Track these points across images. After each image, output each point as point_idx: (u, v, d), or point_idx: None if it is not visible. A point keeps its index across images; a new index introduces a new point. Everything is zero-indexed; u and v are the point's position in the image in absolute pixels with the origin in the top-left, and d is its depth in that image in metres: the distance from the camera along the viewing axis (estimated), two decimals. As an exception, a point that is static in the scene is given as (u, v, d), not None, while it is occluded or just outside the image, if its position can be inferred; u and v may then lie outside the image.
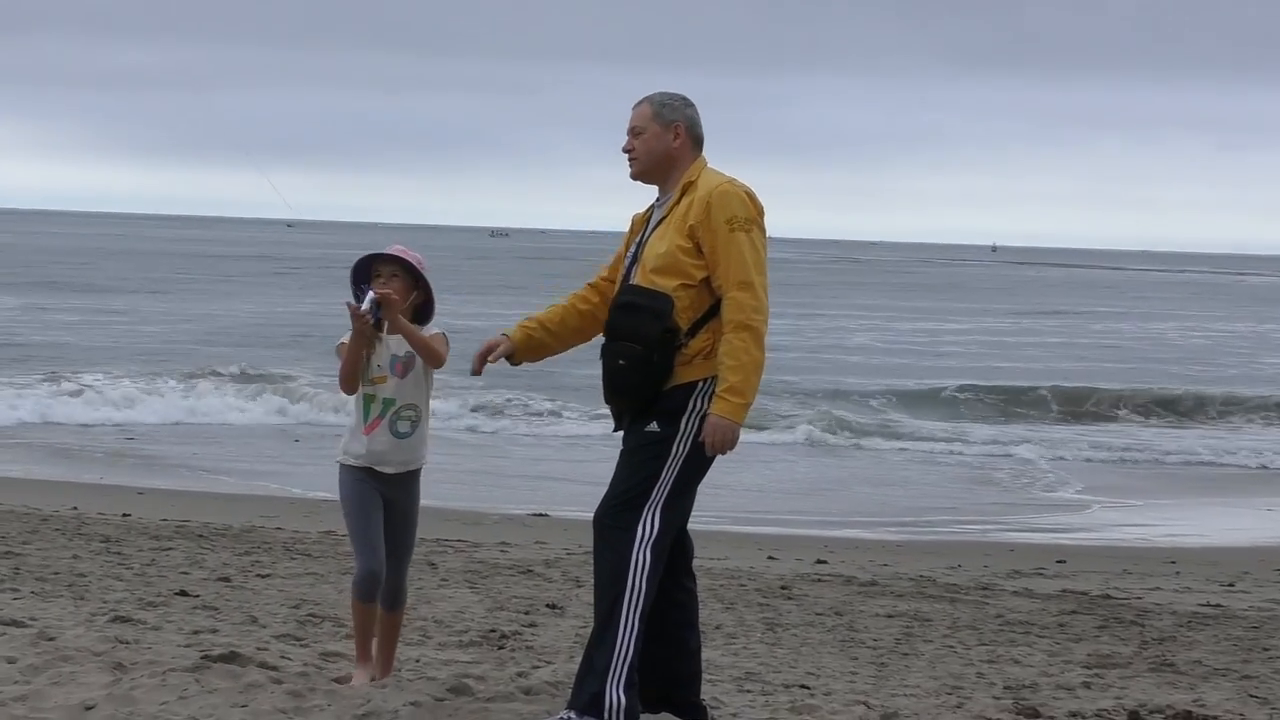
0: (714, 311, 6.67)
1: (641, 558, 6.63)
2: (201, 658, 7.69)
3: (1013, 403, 35.13)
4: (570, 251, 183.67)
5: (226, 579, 11.52)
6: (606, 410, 6.98)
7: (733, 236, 6.65)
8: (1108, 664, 9.81)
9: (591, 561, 6.85)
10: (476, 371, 6.94)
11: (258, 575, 11.89)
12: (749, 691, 8.31)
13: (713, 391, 6.61)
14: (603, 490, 6.91)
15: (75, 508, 15.91)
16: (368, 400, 7.33)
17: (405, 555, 7.55)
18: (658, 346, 6.59)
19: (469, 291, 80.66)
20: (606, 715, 6.55)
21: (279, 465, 23.10)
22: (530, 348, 7.04)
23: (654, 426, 6.65)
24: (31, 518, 14.68)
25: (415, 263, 7.29)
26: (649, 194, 7.07)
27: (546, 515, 18.21)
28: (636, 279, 6.78)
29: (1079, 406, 34.89)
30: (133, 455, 22.47)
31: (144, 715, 6.49)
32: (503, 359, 7.00)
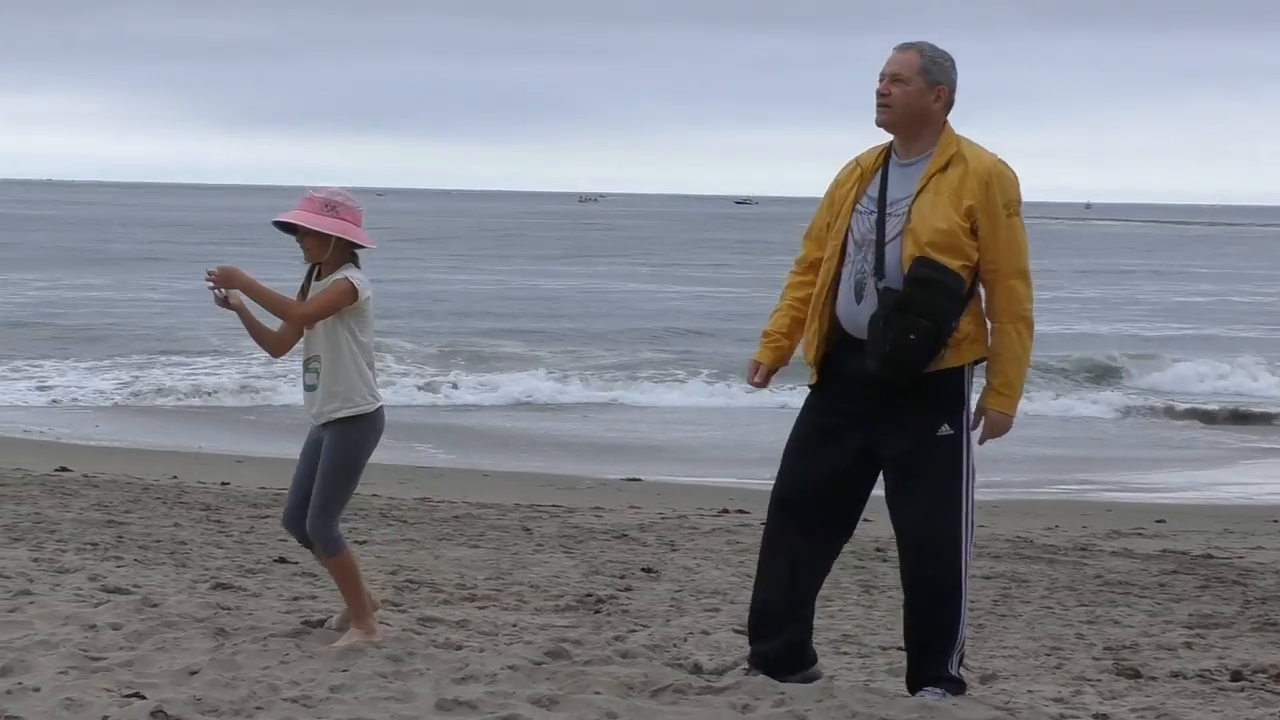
0: (971, 294, 6.59)
1: (969, 559, 6.82)
2: (302, 623, 7.78)
3: (1107, 362, 34.73)
4: (661, 215, 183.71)
5: (324, 545, 11.60)
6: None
7: (1010, 222, 6.52)
8: (1209, 624, 9.70)
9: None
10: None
11: (354, 541, 11.93)
12: (846, 654, 8.30)
13: (970, 378, 6.61)
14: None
15: (175, 477, 16.11)
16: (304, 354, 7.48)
17: (315, 501, 7.41)
18: (946, 325, 6.49)
19: (562, 258, 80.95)
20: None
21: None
22: (782, 359, 7.03)
23: (946, 430, 6.62)
24: (133, 486, 14.88)
25: (313, 222, 7.23)
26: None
27: (639, 480, 18.23)
28: (908, 249, 6.54)
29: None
30: (237, 421, 22.77)
31: (246, 680, 6.56)
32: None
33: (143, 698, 6.23)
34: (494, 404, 27.74)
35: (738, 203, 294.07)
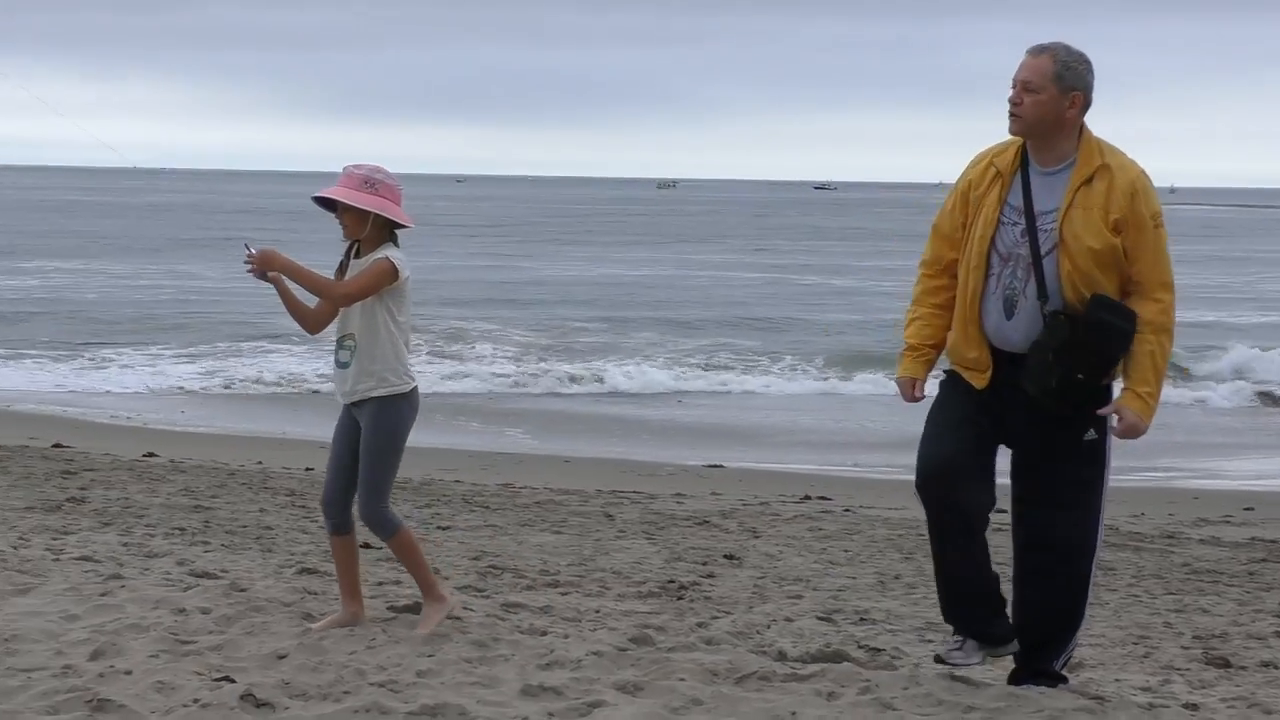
0: None
1: (1097, 555, 6.81)
2: (387, 609, 7.82)
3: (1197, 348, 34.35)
4: (739, 200, 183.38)
5: (408, 531, 11.67)
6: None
7: (1157, 234, 6.44)
8: (1301, 613, 9.58)
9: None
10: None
11: (438, 527, 12.05)
12: (930, 641, 8.24)
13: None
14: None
15: (260, 462, 16.25)
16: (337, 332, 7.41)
17: (364, 485, 7.33)
18: (1114, 363, 6.48)
19: (642, 244, 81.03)
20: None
21: (457, 420, 23.41)
22: (931, 368, 6.88)
23: (1091, 434, 6.58)
24: (219, 472, 15.03)
25: (351, 198, 7.17)
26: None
27: (721, 466, 18.21)
28: (1064, 267, 6.41)
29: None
30: (321, 407, 22.91)
31: (333, 665, 6.61)
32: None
33: (232, 681, 6.29)
34: (584, 392, 27.70)
35: (816, 188, 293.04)
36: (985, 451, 6.69)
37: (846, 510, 14.25)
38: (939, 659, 6.83)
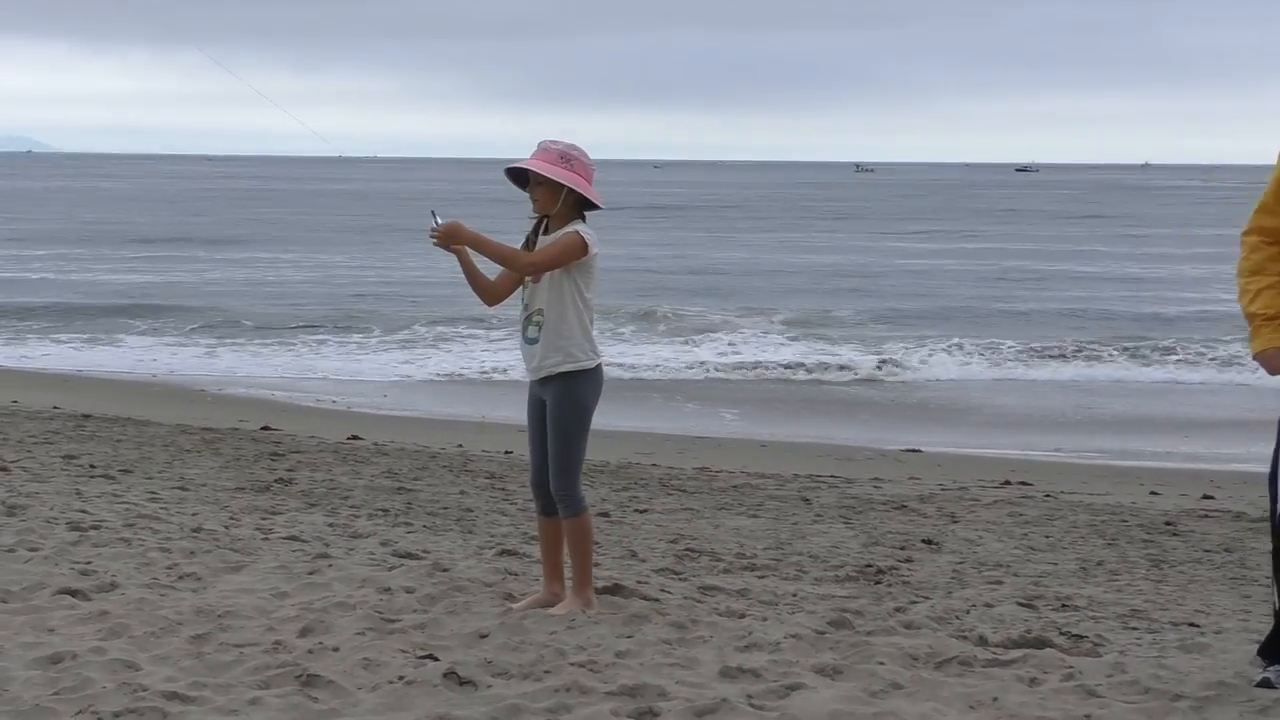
0: None
1: None
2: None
3: None
4: (935, 184, 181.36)
5: (606, 514, 11.78)
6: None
7: None
8: None
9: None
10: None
11: (635, 510, 12.13)
12: (1135, 629, 8.10)
13: None
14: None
15: (461, 446, 16.50)
16: (521, 307, 7.36)
17: (553, 460, 7.31)
18: None
19: (829, 229, 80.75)
20: None
21: (656, 402, 23.53)
22: None
23: None
24: (421, 455, 15.29)
25: (548, 170, 7.13)
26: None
27: (919, 451, 18.06)
28: None
29: None
30: (520, 391, 23.22)
31: (534, 644, 6.69)
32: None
33: (435, 659, 6.39)
34: (813, 379, 27.47)
35: (1018, 170, 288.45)
36: None
37: (1047, 495, 14.04)
38: (1268, 683, 6.34)
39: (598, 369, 7.34)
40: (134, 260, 52.70)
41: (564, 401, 7.25)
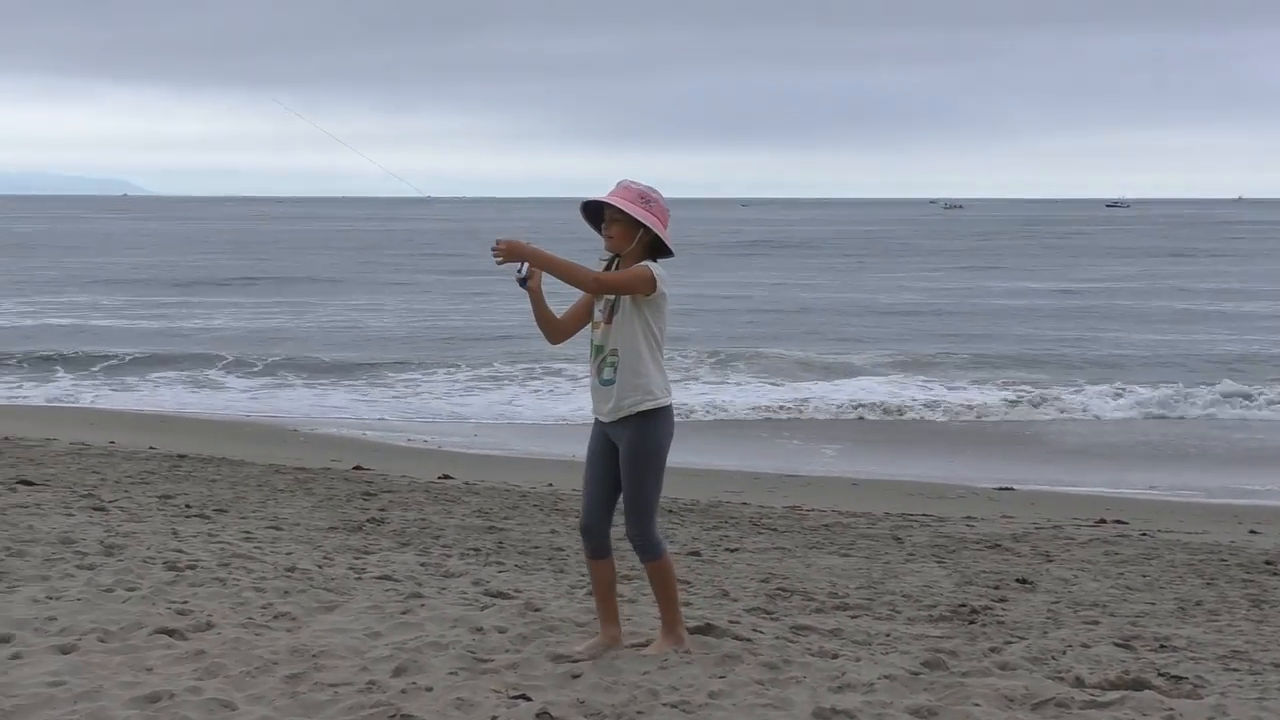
0: None
1: None
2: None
3: None
4: (1027, 219, 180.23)
5: (696, 553, 11.75)
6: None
7: None
8: None
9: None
10: None
11: (726, 549, 12.09)
12: (1235, 670, 7.97)
13: None
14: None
15: (551, 485, 16.52)
16: (591, 348, 7.26)
17: (630, 505, 7.19)
18: None
19: (943, 267, 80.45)
20: None
21: (744, 441, 23.49)
22: None
23: None
24: (511, 494, 15.33)
25: (627, 207, 7.08)
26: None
27: (1012, 489, 17.90)
28: None
29: None
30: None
31: (627, 684, 6.68)
32: None
33: (528, 699, 6.40)
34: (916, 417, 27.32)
35: (1109, 205, 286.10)
36: None
37: (1143, 534, 13.87)
38: None
39: (670, 409, 7.25)
40: (222, 304, 53.29)
41: (642, 441, 7.15)
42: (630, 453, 7.16)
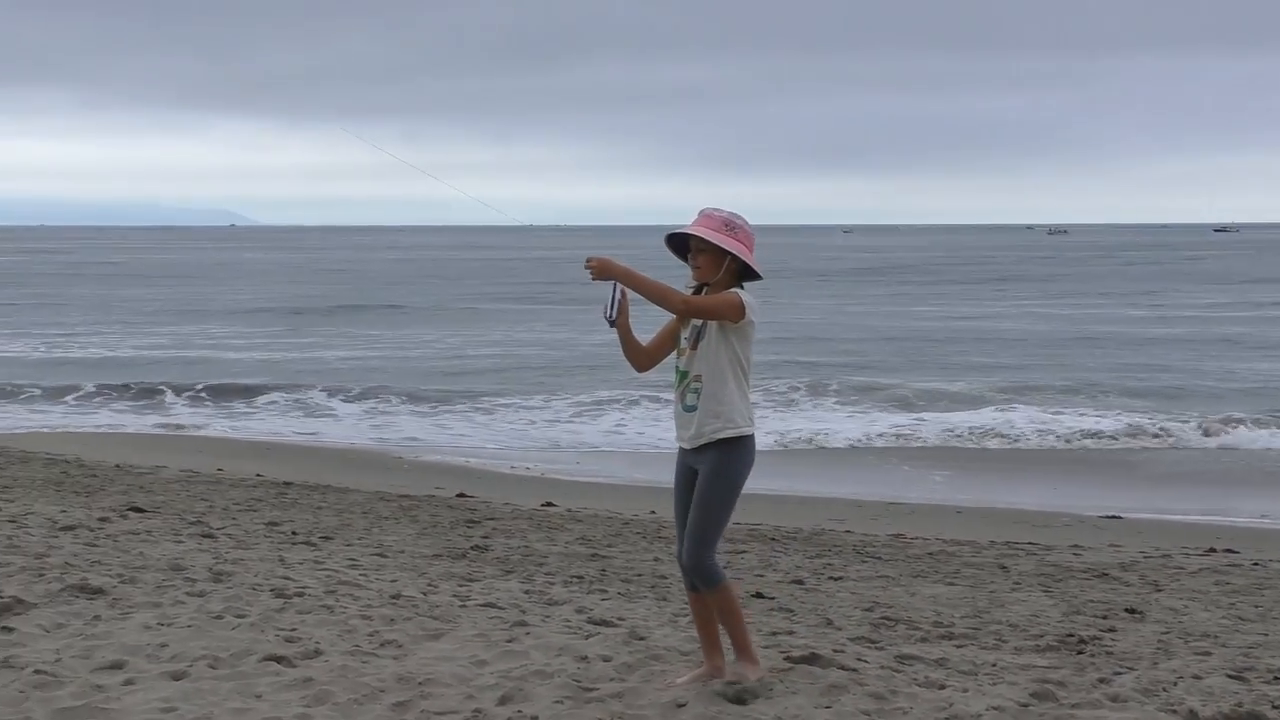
0: None
1: None
2: (784, 659, 7.83)
3: None
4: (1133, 245, 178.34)
5: (800, 581, 11.70)
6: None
7: None
8: None
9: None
10: None
11: (829, 578, 12.03)
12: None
13: None
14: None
15: (653, 512, 16.53)
16: (676, 374, 7.22)
17: (692, 530, 7.12)
18: None
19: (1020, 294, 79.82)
20: None
21: (846, 468, 23.38)
22: None
23: None
24: (614, 521, 15.36)
25: (712, 236, 7.03)
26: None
27: (1120, 518, 17.69)
28: None
29: None
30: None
31: (732, 714, 6.66)
32: None
33: (633, 728, 6.40)
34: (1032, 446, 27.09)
35: (1216, 230, 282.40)
36: None
37: (1255, 564, 13.65)
38: None
39: (752, 439, 7.18)
40: (330, 333, 53.84)
41: (719, 469, 7.10)
42: (706, 480, 7.12)
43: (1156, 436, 27.40)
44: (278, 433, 28.10)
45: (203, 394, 34.00)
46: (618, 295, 7.07)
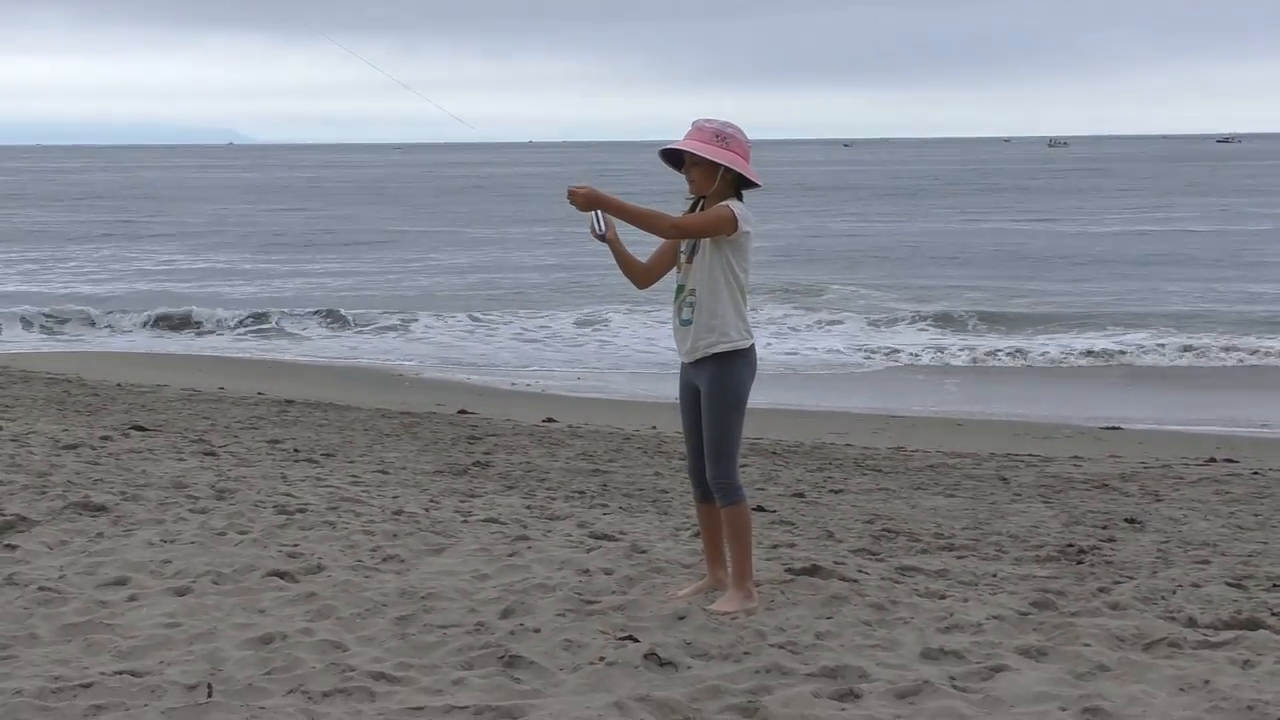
0: None
1: None
2: (785, 571, 7.86)
3: None
4: (1135, 157, 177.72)
5: (801, 494, 11.74)
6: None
7: None
8: None
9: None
10: None
11: (831, 491, 12.07)
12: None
13: None
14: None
15: (655, 427, 16.56)
16: (675, 288, 7.16)
17: (709, 446, 7.07)
18: None
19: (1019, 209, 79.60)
20: None
21: (851, 381, 23.42)
22: None
23: None
24: (615, 437, 15.38)
25: (703, 150, 6.92)
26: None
27: (1119, 429, 17.72)
28: None
29: None
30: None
31: (733, 626, 6.68)
32: None
33: (635, 640, 6.42)
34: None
35: (1219, 141, 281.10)
36: None
37: (1255, 473, 13.68)
38: None
39: (751, 349, 7.12)
40: (344, 256, 53.76)
41: (719, 384, 7.05)
42: (709, 394, 7.07)
43: (1148, 350, 27.36)
44: (275, 353, 28.08)
45: (202, 316, 33.76)
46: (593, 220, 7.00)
